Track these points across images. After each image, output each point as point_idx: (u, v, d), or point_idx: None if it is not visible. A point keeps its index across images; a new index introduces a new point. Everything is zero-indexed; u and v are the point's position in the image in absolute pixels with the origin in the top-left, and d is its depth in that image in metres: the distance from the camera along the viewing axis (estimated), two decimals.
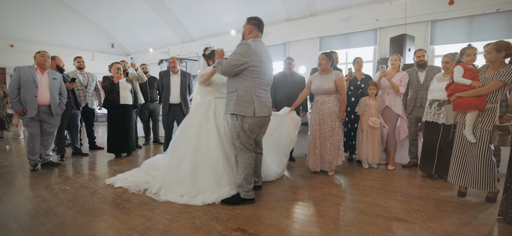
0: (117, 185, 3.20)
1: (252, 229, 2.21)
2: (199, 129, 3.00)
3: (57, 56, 4.48)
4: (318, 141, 3.62)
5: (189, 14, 9.26)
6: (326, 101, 3.57)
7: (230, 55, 2.62)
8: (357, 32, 7.14)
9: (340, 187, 3.24)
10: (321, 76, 3.62)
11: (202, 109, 3.10)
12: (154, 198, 2.84)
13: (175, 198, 2.76)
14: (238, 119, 2.65)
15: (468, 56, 2.90)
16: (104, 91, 4.47)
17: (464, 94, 2.76)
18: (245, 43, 2.59)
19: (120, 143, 4.57)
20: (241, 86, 2.61)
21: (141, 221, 2.36)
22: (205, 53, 3.30)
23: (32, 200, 2.82)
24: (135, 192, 3.00)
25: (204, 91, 3.22)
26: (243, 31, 2.79)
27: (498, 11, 5.43)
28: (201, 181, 2.83)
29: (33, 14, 9.43)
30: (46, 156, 4.04)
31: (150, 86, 5.73)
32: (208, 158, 2.90)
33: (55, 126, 4.01)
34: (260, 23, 2.75)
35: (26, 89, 3.67)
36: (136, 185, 3.09)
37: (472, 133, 2.76)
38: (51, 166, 4.06)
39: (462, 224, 2.34)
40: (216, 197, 2.73)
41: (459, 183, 2.94)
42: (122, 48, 11.95)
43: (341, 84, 3.50)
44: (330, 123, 3.56)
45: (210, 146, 2.93)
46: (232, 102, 2.65)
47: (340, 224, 2.31)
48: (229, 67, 2.58)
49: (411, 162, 4.01)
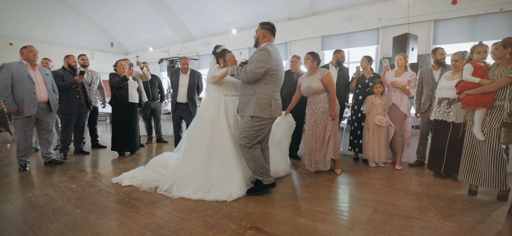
0: (124, 184, 3.15)
1: (267, 227, 2.18)
2: (212, 125, 3.04)
3: (72, 55, 4.46)
4: (313, 142, 3.60)
5: (189, 12, 9.20)
6: (318, 101, 3.54)
7: (252, 62, 2.71)
8: (359, 31, 7.14)
9: (349, 186, 3.22)
10: (308, 77, 3.58)
11: (213, 106, 3.12)
12: (167, 195, 2.83)
13: (189, 194, 2.78)
14: (254, 120, 2.76)
15: (478, 54, 2.89)
16: (113, 88, 4.40)
17: (472, 92, 2.76)
18: (264, 49, 2.70)
19: (125, 141, 4.51)
20: (260, 90, 2.73)
21: (152, 219, 2.32)
22: (216, 51, 3.30)
23: (39, 198, 2.77)
24: (146, 189, 2.98)
25: (213, 89, 3.23)
26: (256, 36, 2.87)
27: (501, 10, 5.45)
28: (214, 177, 2.88)
29: (32, 13, 9.30)
30: (49, 154, 3.96)
31: (151, 85, 5.68)
32: (221, 154, 2.95)
33: (52, 123, 3.92)
34: (273, 28, 2.85)
35: (21, 87, 3.49)
36: (147, 183, 3.07)
37: (481, 131, 2.76)
38: (54, 164, 3.98)
39: (476, 222, 2.32)
40: (228, 195, 2.72)
41: (470, 182, 2.93)
42: (122, 47, 11.84)
43: (328, 81, 3.43)
44: (324, 121, 3.53)
45: (222, 142, 2.97)
46: (251, 105, 2.75)
47: (355, 222, 2.29)
48: (254, 75, 2.66)
49: (418, 160, 3.99)
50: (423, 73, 3.90)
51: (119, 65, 4.54)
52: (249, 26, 8.72)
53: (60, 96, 4.14)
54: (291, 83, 4.26)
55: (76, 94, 4.34)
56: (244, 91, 2.83)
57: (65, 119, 4.37)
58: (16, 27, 9.41)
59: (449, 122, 3.27)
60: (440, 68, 3.77)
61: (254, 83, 2.74)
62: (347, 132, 4.82)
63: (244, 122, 2.82)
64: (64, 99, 4.26)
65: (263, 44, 2.76)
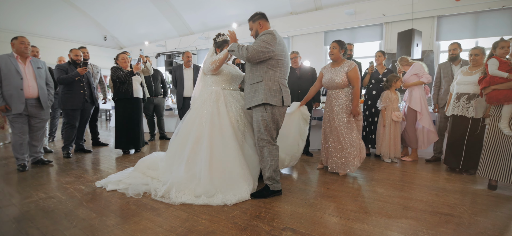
0: (109, 188, 2.81)
1: (301, 228, 2.08)
2: (212, 122, 2.75)
3: (74, 49, 4.20)
4: (329, 139, 3.38)
5: (189, 5, 8.95)
6: (338, 96, 3.26)
7: (254, 43, 2.56)
8: (363, 27, 7.12)
9: (370, 182, 3.16)
10: (332, 68, 3.31)
11: (210, 100, 2.84)
12: (163, 201, 2.52)
13: (191, 199, 2.51)
14: (267, 109, 2.59)
15: (502, 49, 2.87)
16: (116, 82, 4.18)
17: (501, 86, 2.73)
18: (270, 32, 2.58)
19: (130, 139, 4.32)
20: (268, 76, 2.59)
21: (177, 222, 2.18)
22: (216, 39, 3.03)
23: (47, 202, 2.57)
24: (133, 196, 2.64)
25: (210, 81, 2.96)
26: (252, 32, 2.73)
27: (503, 7, 5.51)
28: (219, 179, 2.61)
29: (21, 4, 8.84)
30: (37, 154, 3.70)
31: (154, 80, 5.47)
32: (225, 154, 2.69)
33: (44, 120, 3.68)
34: (263, 14, 2.72)
35: (9, 82, 3.24)
36: (134, 189, 2.73)
37: (508, 126, 2.75)
38: (41, 164, 3.69)
39: (507, 217, 2.31)
40: (239, 198, 2.54)
41: (490, 176, 2.92)
42: (115, 40, 11.46)
43: (354, 76, 3.16)
44: (343, 119, 3.24)
45: (225, 141, 2.72)
46: (260, 93, 2.57)
47: (389, 220, 2.22)
48: (255, 53, 2.50)
49: (435, 156, 3.99)
50: (442, 68, 3.88)
51: (121, 58, 4.32)
52: None
53: (63, 90, 3.91)
54: (295, 78, 4.18)
55: (80, 89, 4.09)
56: (250, 80, 2.65)
57: (68, 115, 4.12)
58: (3, 19, 8.92)
59: (468, 117, 3.25)
60: (460, 63, 3.75)
61: (261, 70, 2.58)
62: None
63: (258, 114, 2.61)
64: (67, 94, 4.02)
65: (267, 29, 2.64)
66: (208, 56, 2.99)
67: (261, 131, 2.62)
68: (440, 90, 3.91)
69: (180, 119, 4.75)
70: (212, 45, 3.06)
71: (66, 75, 3.95)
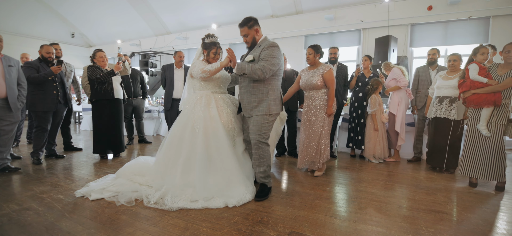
0: (93, 198, 2.57)
1: (307, 231, 2.04)
2: (205, 127, 2.71)
3: (46, 45, 3.80)
4: (305, 139, 3.48)
5: (165, 4, 8.64)
6: (315, 97, 3.39)
7: (266, 59, 2.54)
8: (342, 32, 7.34)
9: (363, 183, 3.21)
10: (309, 70, 3.44)
11: (201, 105, 2.78)
12: (158, 208, 2.39)
13: (187, 204, 2.43)
14: (272, 116, 2.69)
15: (482, 55, 3.08)
16: (94, 82, 3.86)
17: (481, 91, 2.92)
18: (276, 46, 2.65)
19: (110, 142, 4.02)
20: (273, 86, 2.68)
21: (176, 231, 2.04)
22: (205, 40, 2.91)
23: (22, 214, 2.28)
24: (125, 203, 2.46)
25: (199, 85, 2.89)
26: (248, 38, 2.69)
27: (470, 18, 5.99)
28: (215, 185, 2.59)
29: None
30: (3, 160, 3.33)
31: (133, 80, 5.17)
32: (220, 157, 2.68)
33: (13, 123, 3.32)
34: (256, 19, 2.71)
35: None
36: (125, 196, 2.55)
37: (486, 127, 2.94)
38: (8, 172, 3.33)
39: (492, 212, 2.46)
40: (238, 200, 2.50)
41: (471, 175, 3.11)
42: (84, 38, 10.70)
43: (329, 78, 3.29)
44: (318, 118, 3.37)
45: (220, 145, 2.69)
46: (265, 103, 2.66)
47: (389, 220, 2.26)
48: (270, 73, 2.56)
49: (416, 156, 4.18)
50: (420, 72, 4.08)
51: (98, 56, 4.02)
52: (230, 22, 8.48)
53: (34, 91, 3.54)
54: (281, 81, 4.20)
55: (53, 90, 3.71)
56: (254, 90, 2.64)
57: (39, 118, 3.72)
58: None
59: (451, 119, 3.44)
60: (436, 68, 3.97)
61: (266, 81, 2.64)
62: (343, 130, 4.89)
63: (260, 119, 2.64)
64: (38, 95, 3.64)
65: (269, 40, 2.65)
66: (196, 59, 2.93)
67: (261, 134, 2.64)
68: (418, 93, 4.12)
69: (166, 120, 4.54)
70: (200, 47, 2.96)
71: (37, 74, 3.58)
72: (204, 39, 2.93)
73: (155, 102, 7.63)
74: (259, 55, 2.58)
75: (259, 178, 2.75)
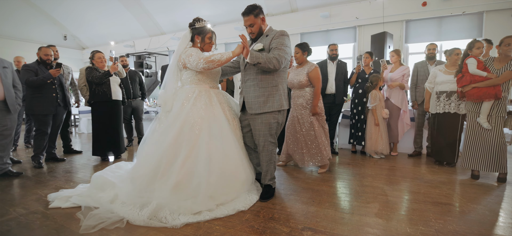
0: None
1: (320, 227, 2.06)
2: (209, 127, 2.40)
3: (44, 47, 3.71)
4: (290, 136, 3.49)
5: (159, 5, 8.55)
6: (300, 95, 3.37)
7: (279, 47, 2.37)
8: (338, 29, 7.39)
9: (367, 178, 3.24)
10: (296, 69, 3.43)
11: (201, 103, 2.46)
12: (155, 225, 2.05)
13: (189, 218, 2.11)
14: (281, 113, 2.58)
15: (478, 49, 3.13)
16: (92, 84, 3.81)
17: (481, 84, 2.98)
18: (287, 35, 2.49)
19: (109, 144, 3.97)
20: (281, 79, 2.55)
21: (189, 230, 2.02)
22: (195, 25, 2.59)
23: (29, 217, 2.24)
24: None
25: (196, 79, 2.55)
26: (254, 28, 2.50)
27: (464, 13, 6.10)
28: (222, 191, 2.33)
29: None
30: (4, 165, 3.26)
31: (132, 81, 5.12)
32: (227, 162, 2.40)
33: (12, 127, 3.26)
34: (261, 7, 2.58)
35: None
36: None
37: (487, 120, 3.00)
38: (10, 176, 3.25)
39: (497, 202, 2.52)
40: (245, 204, 2.37)
41: (472, 167, 3.17)
42: (77, 40, 10.52)
43: (314, 76, 3.26)
44: (306, 118, 3.34)
45: (227, 149, 2.42)
46: (276, 98, 2.49)
47: (398, 213, 2.29)
48: (284, 61, 2.40)
49: (416, 151, 4.24)
50: (418, 67, 4.14)
51: (97, 57, 3.98)
52: (225, 21, 8.45)
53: (33, 94, 3.47)
54: None
55: (52, 92, 3.65)
56: (262, 83, 2.44)
57: (39, 121, 3.65)
58: None
59: (460, 114, 3.48)
60: (434, 63, 4.03)
61: (275, 73, 2.46)
62: (344, 127, 4.93)
63: (270, 118, 2.48)
64: (37, 98, 3.56)
65: (275, 30, 2.50)
66: (183, 46, 2.57)
67: (272, 134, 2.55)
68: (417, 88, 4.18)
69: None
70: (187, 32, 2.62)
71: (36, 77, 3.51)
72: (193, 24, 2.60)
73: (152, 104, 7.56)
74: (269, 44, 2.41)
75: (267, 180, 2.62)
